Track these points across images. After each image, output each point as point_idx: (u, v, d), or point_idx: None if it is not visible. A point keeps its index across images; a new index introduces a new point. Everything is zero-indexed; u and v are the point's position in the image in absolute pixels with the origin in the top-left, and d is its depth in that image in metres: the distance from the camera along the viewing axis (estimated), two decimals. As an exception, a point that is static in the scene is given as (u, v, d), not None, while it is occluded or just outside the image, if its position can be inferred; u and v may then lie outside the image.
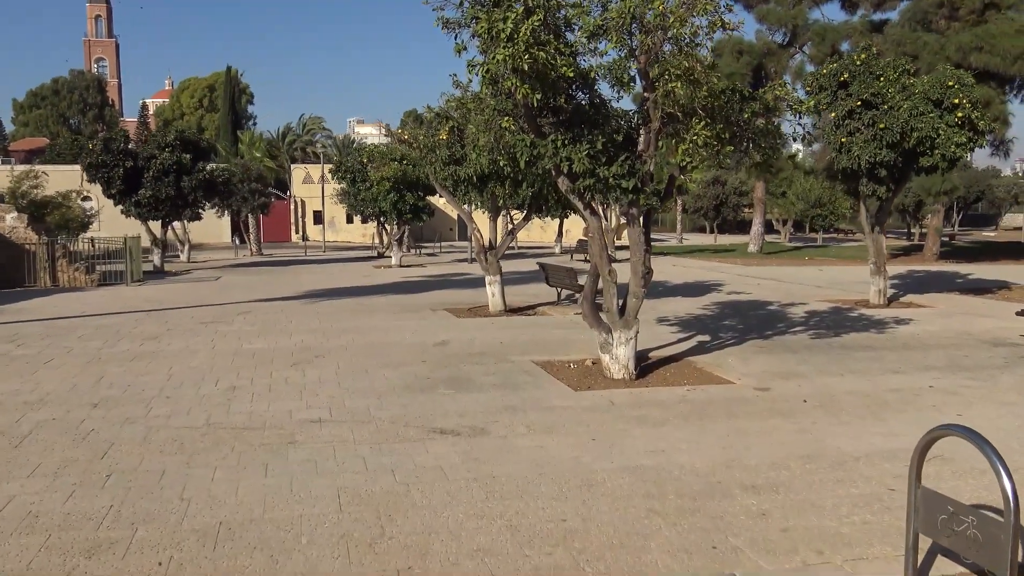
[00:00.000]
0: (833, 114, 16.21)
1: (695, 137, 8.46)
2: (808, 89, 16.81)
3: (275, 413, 7.75)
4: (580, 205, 9.29)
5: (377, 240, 40.79)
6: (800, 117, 9.66)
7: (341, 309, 16.50)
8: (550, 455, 6.47)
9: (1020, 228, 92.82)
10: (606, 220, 35.25)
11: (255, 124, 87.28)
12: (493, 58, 7.89)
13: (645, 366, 10.27)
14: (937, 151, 15.45)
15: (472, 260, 31.61)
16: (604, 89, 9.34)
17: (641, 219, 9.44)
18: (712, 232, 63.92)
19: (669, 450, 6.63)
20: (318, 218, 61.31)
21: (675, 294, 19.96)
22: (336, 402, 8.23)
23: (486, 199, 15.90)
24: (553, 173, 9.15)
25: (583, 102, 9.16)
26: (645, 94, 8.87)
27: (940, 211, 35.19)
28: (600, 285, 9.81)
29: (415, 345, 11.87)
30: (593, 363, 10.25)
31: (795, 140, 9.88)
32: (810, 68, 32.51)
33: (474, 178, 14.27)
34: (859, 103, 15.88)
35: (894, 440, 6.93)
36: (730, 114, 8.96)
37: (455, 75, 9.03)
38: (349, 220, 57.77)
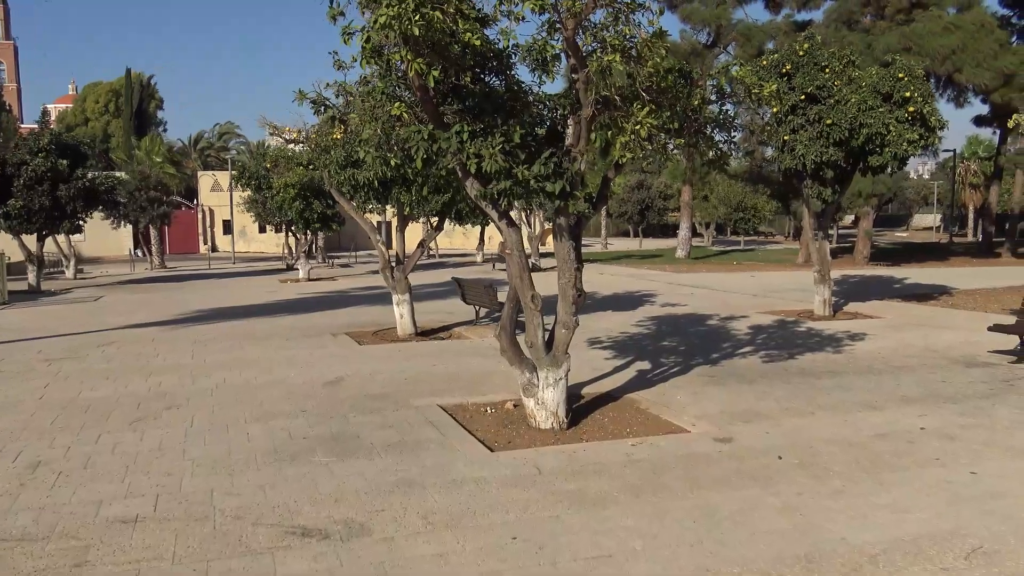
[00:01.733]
0: (775, 108, 14.75)
1: (637, 127, 6.67)
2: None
3: (76, 508, 5.61)
4: (494, 214, 7.40)
5: (286, 251, 38.17)
6: (759, 105, 8.00)
7: (226, 335, 14.24)
8: (454, 572, 4.55)
9: (930, 228, 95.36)
10: (529, 227, 33.56)
11: (165, 130, 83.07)
12: (375, 21, 5.95)
13: (578, 408, 8.45)
14: (888, 149, 14.14)
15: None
16: (524, 75, 7.54)
17: (570, 230, 7.63)
18: (637, 236, 63.05)
19: (619, 553, 4.78)
20: (228, 228, 58.04)
21: (606, 307, 18.29)
22: (170, 484, 6.12)
23: (407, 206, 13.91)
24: (460, 174, 7.24)
25: (497, 85, 7.29)
26: (574, 74, 7.06)
27: (871, 214, 34.66)
28: (523, 313, 7.94)
29: (301, 386, 9.78)
30: (515, 406, 8.39)
31: (753, 132, 8.22)
32: (736, 69, 31.43)
33: (375, 183, 12.28)
34: (803, 97, 14.47)
35: (908, 521, 5.23)
36: (678, 100, 7.22)
37: (336, 53, 7.03)
38: (262, 230, 54.69)
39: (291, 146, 18.29)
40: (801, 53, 14.69)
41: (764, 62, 15.05)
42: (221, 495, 5.85)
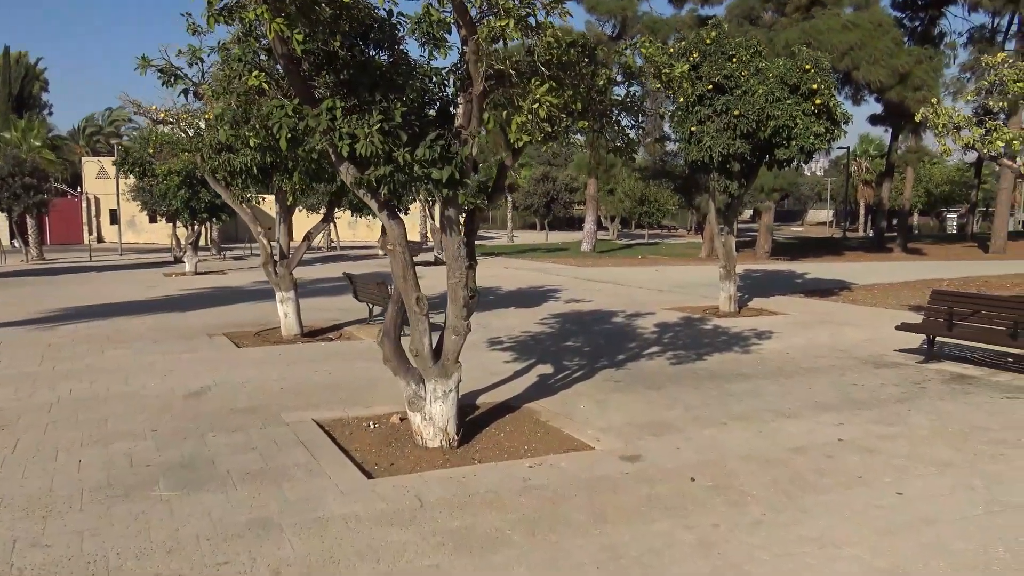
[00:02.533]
0: (686, 90, 14.20)
1: (536, 106, 5.84)
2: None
3: None
4: (374, 204, 6.45)
5: (174, 243, 35.96)
6: (669, 88, 7.29)
7: (86, 338, 12.77)
8: (300, 653, 3.62)
9: (824, 223, 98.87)
10: (432, 219, 32.51)
11: (50, 113, 78.03)
12: (220, -30, 4.93)
13: (473, 420, 7.60)
14: (795, 142, 13.80)
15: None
16: (414, 52, 6.63)
17: (462, 223, 6.76)
18: (543, 229, 62.75)
19: (508, 617, 3.94)
20: (115, 218, 54.69)
21: (508, 304, 17.52)
22: (-39, 533, 4.96)
23: (290, 194, 12.74)
24: (332, 158, 6.26)
25: (377, 56, 6.34)
26: (464, 45, 6.17)
27: (772, 209, 35.06)
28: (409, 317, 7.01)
29: (158, 398, 8.59)
30: (402, 419, 7.47)
31: (663, 117, 7.52)
32: (640, 62, 31.23)
33: (254, 168, 11.11)
34: (710, 86, 13.98)
35: (841, 559, 4.58)
36: (582, 78, 6.43)
37: (189, 15, 5.92)
38: (152, 219, 51.76)
39: (176, 130, 16.77)
40: (708, 41, 14.21)
41: (672, 49, 14.48)
42: (25, 547, 4.73)
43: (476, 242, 7.17)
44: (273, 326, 13.49)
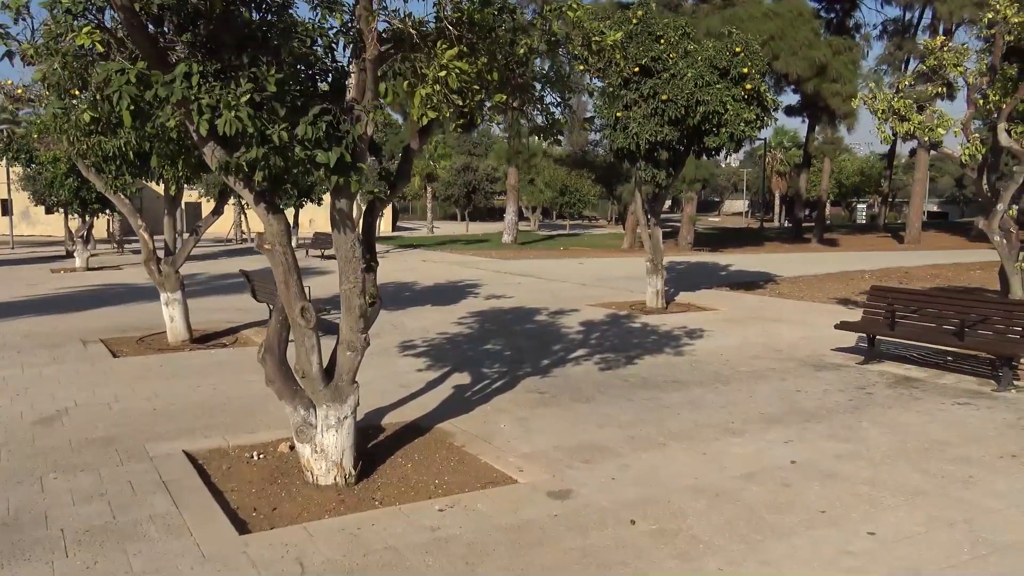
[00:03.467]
0: (607, 81, 13.36)
1: (444, 74, 4.78)
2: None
3: None
4: (248, 195, 5.29)
5: (66, 236, 33.45)
6: (600, 58, 6.34)
7: (-64, 347, 11.12)
8: None
9: (740, 213, 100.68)
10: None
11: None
12: None
13: (376, 447, 6.54)
14: (724, 129, 13.08)
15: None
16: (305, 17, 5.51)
17: (357, 216, 5.66)
18: (464, 220, 61.60)
19: None
20: (6, 208, 51.09)
21: (425, 301, 16.41)
22: None
23: (172, 183, 11.36)
24: (194, 137, 5.07)
25: (247, 14, 5.17)
26: (356, 2, 5.07)
27: (694, 199, 34.78)
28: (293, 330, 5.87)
29: (0, 425, 7.22)
30: (292, 448, 6.33)
31: (591, 95, 6.59)
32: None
33: (129, 153, 9.77)
34: (636, 69, 13.14)
35: (822, 635, 3.70)
36: (499, 45, 5.41)
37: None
38: (49, 210, 48.49)
39: (39, 109, 15.01)
40: (635, 21, 13.37)
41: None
42: None
43: (394, 234, 6.09)
44: (160, 330, 12.07)
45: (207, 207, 39.95)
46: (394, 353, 10.65)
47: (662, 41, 13.23)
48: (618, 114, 13.51)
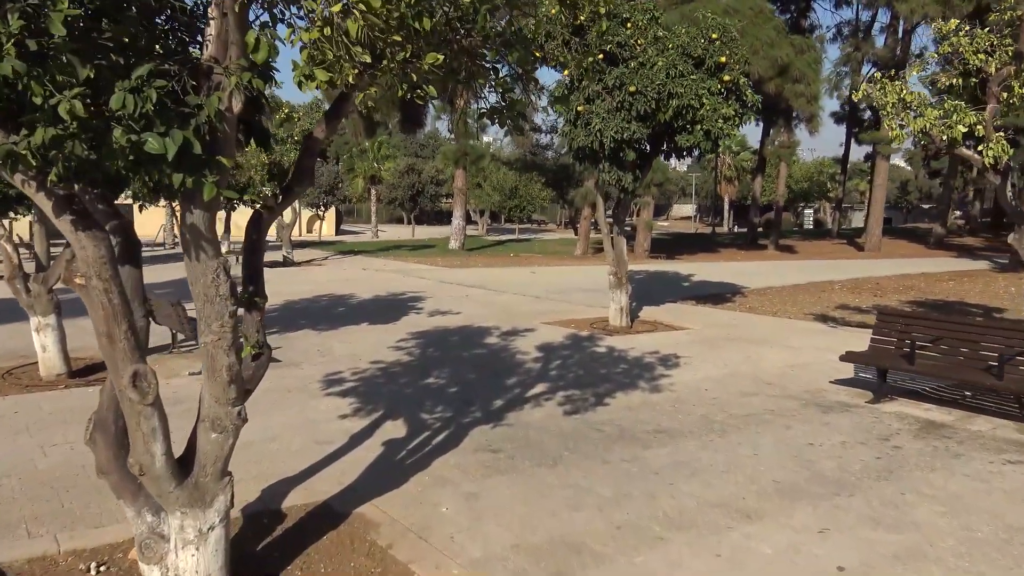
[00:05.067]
0: (567, 71, 11.68)
1: (341, 17, 3.00)
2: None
3: None
4: (45, 201, 3.42)
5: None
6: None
7: None
8: None
9: (688, 218, 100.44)
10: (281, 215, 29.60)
11: None
12: None
13: (266, 549, 4.69)
14: (699, 126, 11.50)
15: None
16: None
17: (220, 232, 3.80)
18: (410, 223, 59.52)
19: None
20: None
21: (360, 318, 14.51)
22: None
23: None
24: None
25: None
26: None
27: (651, 204, 33.38)
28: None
29: None
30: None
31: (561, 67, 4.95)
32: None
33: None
34: (600, 56, 11.48)
35: None
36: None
37: None
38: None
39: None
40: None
41: (553, 11, 11.88)
42: None
43: (337, 238, 4.29)
44: (35, 360, 9.99)
45: (155, 215, 37.05)
46: (315, 390, 8.79)
47: (629, 25, 11.61)
48: (579, 108, 11.84)
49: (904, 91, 8.73)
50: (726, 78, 11.54)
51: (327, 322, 13.90)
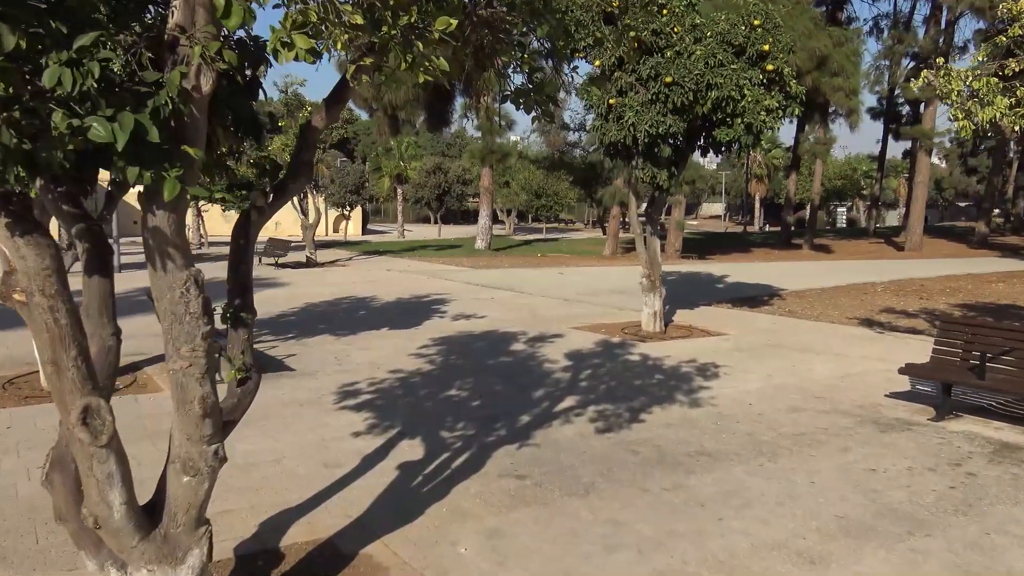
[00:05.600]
0: (597, 62, 11.01)
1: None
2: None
3: None
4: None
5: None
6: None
7: None
8: None
9: (717, 216, 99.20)
10: (302, 215, 28.68)
11: None
12: None
13: (258, 604, 4.08)
14: (740, 120, 10.77)
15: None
16: None
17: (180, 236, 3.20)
18: (437, 223, 59.07)
19: None
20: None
21: (381, 323, 13.93)
22: None
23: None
24: None
25: None
26: None
27: (682, 203, 32.56)
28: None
29: None
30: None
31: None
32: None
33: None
34: (636, 45, 10.79)
35: None
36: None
37: None
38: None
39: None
40: (632, -13, 10.99)
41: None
42: None
43: (364, 238, 3.71)
44: (36, 368, 9.51)
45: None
46: (328, 404, 8.20)
47: (664, 11, 10.90)
48: (611, 101, 11.15)
49: (970, 78, 7.94)
50: (769, 67, 10.81)
51: (347, 327, 13.33)
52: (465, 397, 8.60)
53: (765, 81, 10.94)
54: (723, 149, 11.60)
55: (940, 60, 8.48)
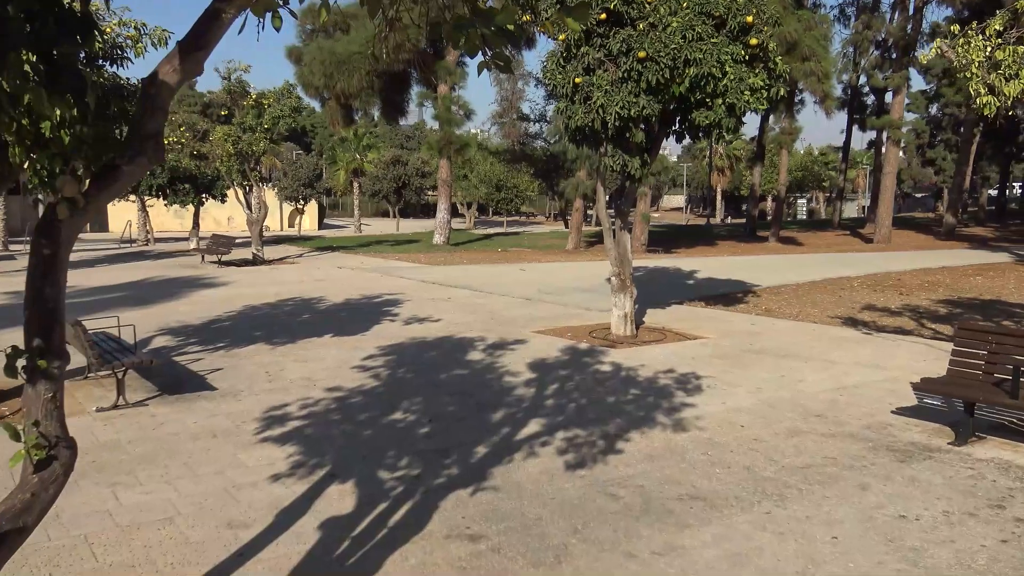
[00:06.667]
0: (562, 36, 9.79)
1: None
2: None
3: None
4: None
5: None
6: None
7: None
8: None
9: (679, 208, 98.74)
10: (248, 210, 27.07)
11: None
12: None
13: None
14: (720, 100, 9.64)
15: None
16: None
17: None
18: (395, 217, 57.47)
19: None
20: None
21: (325, 328, 12.58)
22: None
23: None
24: None
25: None
26: None
27: (648, 194, 31.49)
28: None
29: None
30: None
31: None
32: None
33: None
34: (603, 16, 9.59)
35: None
36: None
37: None
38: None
39: None
40: (600, -49, 9.81)
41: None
42: None
43: (319, 233, 2.46)
44: None
45: (124, 209, 34.32)
46: (247, 435, 6.90)
47: (636, -21, 9.72)
48: (577, 80, 9.94)
49: (992, 48, 6.88)
50: (753, 42, 9.70)
51: (286, 334, 11.98)
52: (412, 422, 7.35)
53: (748, 57, 9.82)
54: (701, 134, 10.47)
55: (955, 28, 7.42)
